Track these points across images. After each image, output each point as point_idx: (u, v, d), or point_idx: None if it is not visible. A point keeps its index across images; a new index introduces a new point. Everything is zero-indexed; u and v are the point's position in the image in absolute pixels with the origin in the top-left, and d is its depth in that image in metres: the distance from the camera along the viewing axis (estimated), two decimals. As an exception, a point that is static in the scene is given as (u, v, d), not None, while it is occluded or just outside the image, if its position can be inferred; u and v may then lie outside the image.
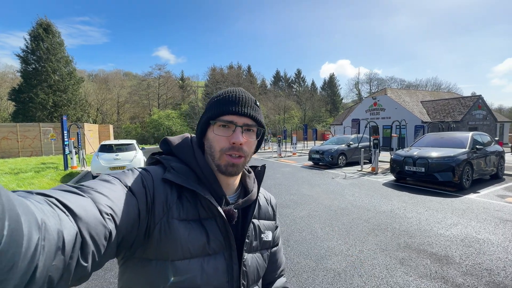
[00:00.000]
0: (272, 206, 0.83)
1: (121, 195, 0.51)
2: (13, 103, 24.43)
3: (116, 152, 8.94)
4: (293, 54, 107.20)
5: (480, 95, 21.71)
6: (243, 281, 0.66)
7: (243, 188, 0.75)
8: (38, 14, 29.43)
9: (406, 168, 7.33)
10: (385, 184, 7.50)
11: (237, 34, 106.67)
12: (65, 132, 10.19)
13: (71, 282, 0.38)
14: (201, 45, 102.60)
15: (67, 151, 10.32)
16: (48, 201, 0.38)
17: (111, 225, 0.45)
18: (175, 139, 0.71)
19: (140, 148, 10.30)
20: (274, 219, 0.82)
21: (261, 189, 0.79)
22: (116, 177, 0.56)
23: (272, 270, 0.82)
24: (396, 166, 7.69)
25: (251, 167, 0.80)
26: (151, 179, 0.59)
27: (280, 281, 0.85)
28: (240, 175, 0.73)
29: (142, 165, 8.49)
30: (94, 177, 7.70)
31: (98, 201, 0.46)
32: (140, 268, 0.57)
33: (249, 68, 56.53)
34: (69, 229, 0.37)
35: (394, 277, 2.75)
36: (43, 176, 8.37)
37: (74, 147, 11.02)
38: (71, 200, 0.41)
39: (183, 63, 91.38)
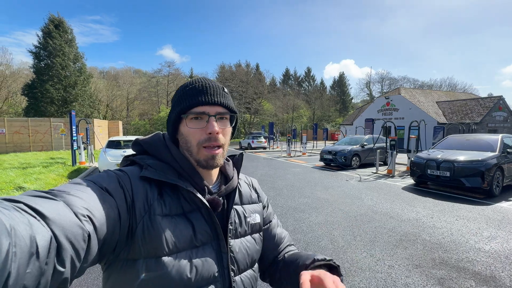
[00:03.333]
0: (255, 189, 0.82)
1: (97, 197, 0.49)
2: (26, 98, 24.84)
3: (124, 148, 8.75)
4: (301, 53, 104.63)
5: (501, 95, 20.65)
6: (232, 267, 0.65)
7: (223, 176, 0.75)
8: (49, 11, 29.65)
9: (429, 171, 6.82)
10: (405, 189, 7.01)
11: (243, 33, 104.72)
12: (73, 127, 10.08)
13: None
14: (206, 43, 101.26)
15: (75, 146, 10.21)
16: (15, 207, 0.36)
17: (89, 227, 0.43)
18: (146, 138, 0.70)
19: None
20: (259, 201, 0.81)
21: (242, 174, 0.81)
22: (89, 180, 0.53)
23: (273, 247, 0.80)
24: (417, 169, 7.18)
25: (229, 156, 0.79)
26: (128, 179, 0.57)
27: (286, 250, 0.82)
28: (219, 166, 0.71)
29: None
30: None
31: (72, 203, 0.43)
32: (126, 270, 0.54)
33: (257, 66, 55.99)
34: (42, 234, 0.35)
35: (436, 302, 2.36)
36: (51, 171, 8.25)
37: (83, 142, 10.93)
38: (42, 204, 0.39)
39: (187, 62, 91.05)
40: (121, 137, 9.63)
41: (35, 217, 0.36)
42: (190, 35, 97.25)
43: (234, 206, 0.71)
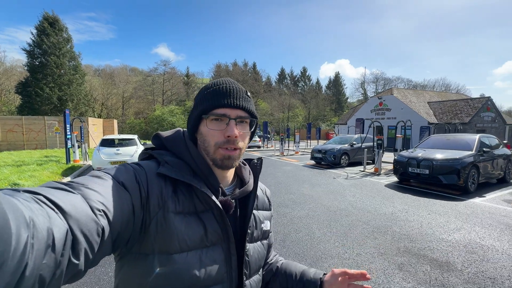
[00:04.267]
0: (267, 197, 0.84)
1: (114, 191, 0.50)
2: (20, 96, 24.74)
3: (117, 146, 8.94)
4: (297, 53, 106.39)
5: (489, 96, 21.20)
6: (246, 271, 0.66)
7: (239, 180, 0.75)
8: (44, 8, 29.51)
9: (410, 169, 7.16)
10: (388, 186, 7.34)
11: (239, 32, 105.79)
12: (67, 125, 10.23)
13: (64, 280, 0.37)
14: (202, 43, 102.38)
15: (69, 144, 10.36)
16: (35, 199, 0.37)
17: (103, 221, 0.44)
18: (167, 133, 0.70)
19: (142, 143, 10.30)
20: (270, 209, 0.84)
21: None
22: (108, 173, 0.54)
23: (268, 253, 0.86)
24: (399, 168, 7.51)
25: (246, 160, 0.80)
26: (145, 174, 0.58)
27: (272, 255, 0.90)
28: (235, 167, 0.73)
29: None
30: (94, 171, 7.68)
31: (88, 197, 0.44)
32: (137, 263, 0.56)
33: (254, 65, 56.28)
34: (59, 227, 0.36)
35: (392, 283, 2.64)
36: (45, 169, 8.41)
37: (77, 141, 11.06)
38: (60, 197, 0.40)
39: (183, 60, 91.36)
40: (114, 136, 9.81)
41: (53, 210, 0.37)
42: (186, 34, 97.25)
43: (253, 211, 0.72)
